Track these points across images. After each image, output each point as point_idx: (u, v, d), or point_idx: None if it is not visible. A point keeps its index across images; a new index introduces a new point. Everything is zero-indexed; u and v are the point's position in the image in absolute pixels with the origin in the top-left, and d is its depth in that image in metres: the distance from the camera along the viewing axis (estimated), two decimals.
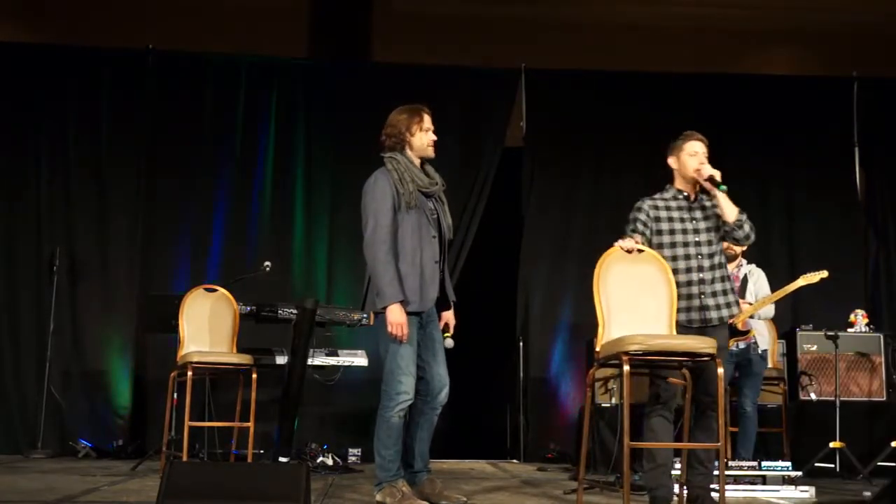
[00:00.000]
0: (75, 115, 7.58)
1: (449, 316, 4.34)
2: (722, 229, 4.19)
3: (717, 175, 4.13)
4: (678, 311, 3.99)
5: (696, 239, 4.16)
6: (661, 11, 8.55)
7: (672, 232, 4.16)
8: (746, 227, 4.17)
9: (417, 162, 4.23)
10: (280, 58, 8.00)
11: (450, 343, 4.32)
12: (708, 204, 4.21)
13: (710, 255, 4.16)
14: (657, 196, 4.27)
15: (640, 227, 4.16)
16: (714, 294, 4.13)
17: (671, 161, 4.30)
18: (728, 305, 4.17)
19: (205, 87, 7.72)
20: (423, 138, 4.22)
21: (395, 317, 4.01)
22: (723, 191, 4.11)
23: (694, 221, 4.18)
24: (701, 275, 4.12)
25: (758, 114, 8.06)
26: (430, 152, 4.25)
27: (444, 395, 4.22)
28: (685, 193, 4.24)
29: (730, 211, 4.12)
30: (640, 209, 4.21)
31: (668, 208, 4.21)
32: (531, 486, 5.34)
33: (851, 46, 8.55)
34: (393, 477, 4.07)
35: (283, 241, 7.64)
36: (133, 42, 7.68)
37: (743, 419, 5.90)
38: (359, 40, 8.44)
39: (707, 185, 4.14)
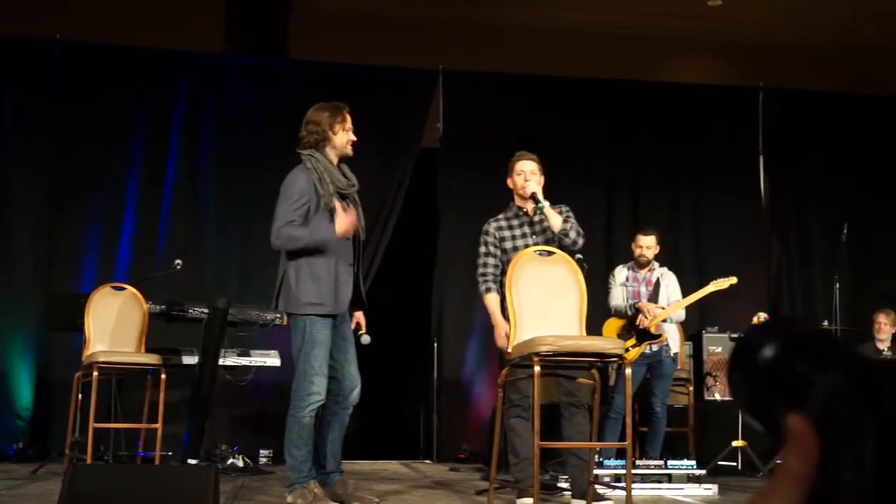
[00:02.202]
0: None
1: (360, 316, 4.35)
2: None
3: (539, 192, 4.45)
4: None
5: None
6: (577, 18, 8.68)
7: (515, 249, 4.46)
8: (572, 234, 4.45)
9: (335, 161, 4.23)
10: (194, 51, 7.83)
11: (367, 339, 4.34)
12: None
13: None
14: (501, 216, 4.64)
15: (491, 249, 4.57)
16: None
17: (508, 181, 4.64)
18: None
19: (115, 79, 7.50)
20: (343, 137, 4.23)
21: (344, 220, 4.06)
22: (540, 208, 4.44)
23: (534, 236, 4.51)
24: None
25: (668, 120, 8.26)
26: (350, 150, 4.28)
27: (355, 395, 4.23)
28: (524, 210, 4.57)
29: (554, 221, 4.44)
30: (486, 232, 4.62)
31: (510, 227, 4.57)
32: (443, 487, 5.37)
33: (757, 57, 8.83)
34: (304, 478, 4.05)
35: (195, 238, 7.49)
36: (39, 31, 7.43)
37: (653, 419, 6.04)
38: (275, 36, 8.33)
39: (530, 202, 4.49)
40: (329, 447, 4.22)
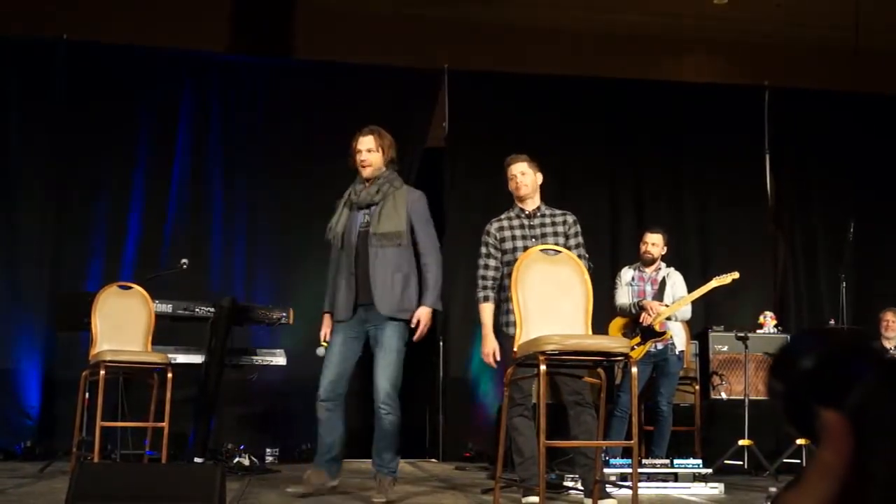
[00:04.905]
0: None
1: (420, 313, 4.52)
2: None
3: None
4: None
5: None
6: (581, 17, 8.68)
7: (514, 250, 4.52)
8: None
9: (365, 180, 4.53)
10: (199, 51, 7.85)
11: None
12: (548, 213, 4.64)
13: None
14: (503, 216, 4.71)
15: (492, 251, 4.62)
16: None
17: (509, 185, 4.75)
18: None
19: (120, 79, 7.53)
20: (356, 159, 4.53)
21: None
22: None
23: (534, 239, 4.57)
24: None
25: (674, 119, 8.25)
26: (363, 171, 4.52)
27: (378, 401, 4.46)
28: (526, 211, 4.65)
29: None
30: (487, 233, 4.68)
31: (511, 227, 4.64)
32: (449, 486, 5.37)
33: (761, 56, 8.82)
34: (314, 465, 4.56)
35: (200, 238, 7.50)
36: (45, 31, 7.45)
37: (658, 418, 6.04)
38: (281, 36, 8.34)
39: (528, 202, 4.68)
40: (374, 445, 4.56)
